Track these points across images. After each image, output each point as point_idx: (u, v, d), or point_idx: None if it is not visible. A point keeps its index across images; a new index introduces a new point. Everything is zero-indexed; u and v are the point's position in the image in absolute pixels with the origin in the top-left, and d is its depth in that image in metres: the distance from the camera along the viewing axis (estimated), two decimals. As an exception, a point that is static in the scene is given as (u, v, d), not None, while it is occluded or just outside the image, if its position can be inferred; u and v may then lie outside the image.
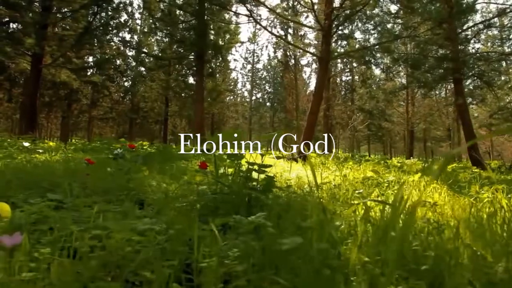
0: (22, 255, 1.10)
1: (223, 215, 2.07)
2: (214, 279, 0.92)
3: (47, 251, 1.07)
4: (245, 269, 0.99)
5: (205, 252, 1.09)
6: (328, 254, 0.99)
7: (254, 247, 1.18)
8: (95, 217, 1.53)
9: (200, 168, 2.35)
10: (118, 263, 1.13)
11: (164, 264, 1.04)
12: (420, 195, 2.28)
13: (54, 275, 0.98)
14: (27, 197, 2.23)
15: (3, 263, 0.89)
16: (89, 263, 1.09)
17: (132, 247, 1.27)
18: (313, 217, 1.45)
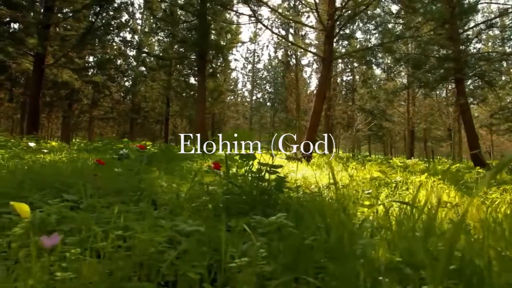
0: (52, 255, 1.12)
1: (237, 215, 2.09)
2: (249, 280, 0.94)
3: (77, 251, 1.08)
4: (274, 269, 1.01)
5: (232, 252, 1.10)
6: (356, 254, 1.01)
7: (279, 247, 1.19)
8: (116, 217, 1.55)
9: (213, 168, 2.36)
10: (147, 263, 1.15)
11: (195, 264, 1.05)
12: (438, 196, 2.29)
13: (86, 275, 1.00)
14: (42, 198, 2.25)
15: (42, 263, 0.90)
16: (117, 263, 1.11)
17: (155, 247, 1.29)
18: (333, 218, 1.47)
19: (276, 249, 1.16)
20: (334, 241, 1.25)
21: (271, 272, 1.01)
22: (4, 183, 2.48)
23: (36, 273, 0.93)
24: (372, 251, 1.08)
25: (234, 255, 1.09)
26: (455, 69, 10.42)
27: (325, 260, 1.06)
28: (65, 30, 13.56)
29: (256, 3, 8.03)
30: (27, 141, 7.64)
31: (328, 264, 1.04)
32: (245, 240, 1.34)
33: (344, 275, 0.92)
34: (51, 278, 0.96)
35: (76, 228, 1.49)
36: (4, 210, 1.96)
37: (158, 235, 1.35)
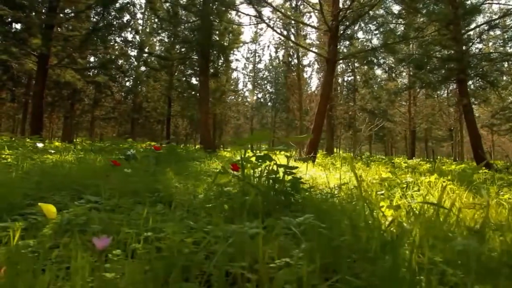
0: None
1: (256, 216, 2.11)
2: (290, 280, 0.96)
3: (118, 252, 1.11)
4: (313, 269, 1.03)
5: (268, 253, 1.13)
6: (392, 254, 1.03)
7: (313, 247, 1.22)
8: (144, 219, 1.57)
9: (232, 170, 2.38)
10: (185, 264, 1.17)
11: (234, 265, 1.08)
12: (461, 196, 2.32)
13: (129, 276, 1.02)
14: (62, 199, 2.27)
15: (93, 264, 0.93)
16: (154, 264, 1.13)
17: (188, 248, 1.31)
18: (360, 218, 1.49)
19: (310, 249, 1.18)
20: (365, 242, 1.28)
21: (311, 272, 1.03)
22: (23, 184, 2.51)
23: (84, 273, 0.96)
24: (407, 251, 1.11)
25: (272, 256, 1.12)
26: (458, 69, 10.45)
27: (361, 260, 1.09)
28: (68, 31, 13.58)
29: (260, 4, 8.05)
30: (32, 142, 7.66)
31: (365, 264, 1.07)
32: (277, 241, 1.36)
33: (385, 275, 0.94)
34: (98, 279, 0.99)
35: (106, 229, 1.52)
36: (27, 211, 1.99)
37: (190, 236, 1.37)
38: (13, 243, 1.42)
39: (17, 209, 2.03)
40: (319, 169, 5.59)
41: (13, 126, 33.52)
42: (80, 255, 1.03)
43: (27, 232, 1.61)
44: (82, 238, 1.39)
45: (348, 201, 2.38)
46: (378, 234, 1.30)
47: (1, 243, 1.43)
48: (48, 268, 1.12)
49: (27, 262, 1.23)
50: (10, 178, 2.75)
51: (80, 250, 1.04)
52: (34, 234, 1.58)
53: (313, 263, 1.09)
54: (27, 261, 1.22)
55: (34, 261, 1.26)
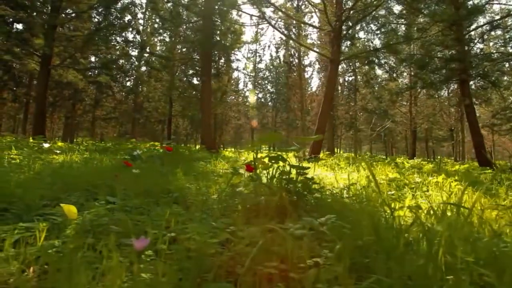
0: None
1: (271, 216, 2.13)
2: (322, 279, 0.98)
3: (150, 252, 1.13)
4: (343, 269, 1.05)
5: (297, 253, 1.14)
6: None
7: (336, 247, 1.24)
8: (166, 219, 1.59)
9: (247, 170, 2.40)
10: (209, 263, 1.19)
11: (267, 265, 1.09)
12: (478, 197, 2.34)
13: (161, 276, 1.04)
14: (77, 199, 2.29)
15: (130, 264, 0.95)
16: (186, 264, 1.15)
17: (214, 248, 1.33)
18: (380, 219, 1.51)
19: (338, 249, 1.20)
20: (388, 242, 1.30)
21: (341, 271, 1.05)
22: (36, 184, 2.52)
23: (121, 273, 0.97)
24: (433, 251, 1.12)
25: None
26: (460, 69, 10.48)
27: (388, 259, 1.10)
28: (69, 31, 13.58)
29: (264, 4, 8.07)
30: (36, 142, 7.66)
31: (394, 264, 1.09)
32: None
33: (416, 275, 0.96)
34: (132, 278, 1.00)
35: (129, 230, 1.53)
36: (45, 212, 2.00)
37: (214, 237, 1.39)
38: (39, 243, 1.44)
39: (34, 210, 2.05)
40: (325, 169, 5.60)
41: (14, 126, 33.46)
42: (115, 255, 1.05)
43: (49, 233, 1.62)
44: (107, 238, 1.41)
45: (361, 201, 2.40)
46: (400, 234, 1.32)
47: (27, 243, 1.44)
48: (82, 268, 1.14)
49: (57, 262, 1.24)
50: (24, 178, 2.77)
51: (115, 250, 1.06)
52: (57, 235, 1.60)
53: (343, 262, 1.11)
54: (57, 261, 1.24)
55: (62, 261, 1.28)
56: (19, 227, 1.53)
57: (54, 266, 1.26)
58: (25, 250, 1.36)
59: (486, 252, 0.99)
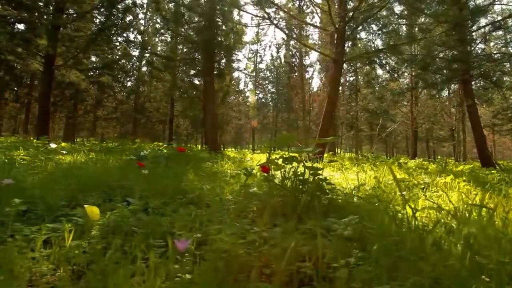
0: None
1: (288, 217, 2.15)
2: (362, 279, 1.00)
3: (187, 254, 1.15)
4: (374, 269, 1.07)
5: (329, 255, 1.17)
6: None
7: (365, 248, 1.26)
8: (190, 221, 1.61)
9: (262, 172, 2.42)
10: (242, 265, 1.21)
11: (301, 265, 1.12)
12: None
13: (200, 276, 1.06)
14: (95, 200, 2.31)
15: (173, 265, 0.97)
16: (215, 264, 1.17)
17: (243, 250, 1.35)
18: (401, 220, 1.53)
19: (364, 251, 1.22)
20: (413, 243, 1.32)
21: (371, 271, 1.07)
22: (52, 185, 2.54)
23: (162, 274, 1.00)
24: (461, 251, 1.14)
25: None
26: (463, 70, 10.51)
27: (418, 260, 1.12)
28: (72, 31, 13.59)
29: (268, 5, 8.10)
30: (41, 142, 7.68)
31: (423, 265, 1.10)
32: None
33: (450, 275, 0.98)
34: (170, 278, 1.02)
35: (156, 231, 1.55)
36: (66, 212, 2.02)
37: (241, 238, 1.41)
38: (68, 244, 1.46)
39: (54, 210, 2.07)
40: (331, 169, 5.62)
41: (15, 126, 33.42)
42: (152, 256, 1.07)
43: (74, 233, 1.64)
44: (133, 239, 1.43)
45: (375, 202, 2.42)
46: (424, 234, 1.34)
47: (54, 244, 1.46)
48: (117, 268, 1.16)
49: (91, 262, 1.26)
50: (38, 179, 2.79)
51: (149, 251, 1.08)
52: (82, 236, 1.62)
53: (372, 262, 1.13)
54: (91, 262, 1.26)
55: (95, 262, 1.30)
56: (46, 227, 1.55)
57: (86, 266, 1.29)
58: (55, 251, 1.39)
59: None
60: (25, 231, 1.54)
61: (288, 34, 12.08)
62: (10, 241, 1.40)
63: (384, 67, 16.45)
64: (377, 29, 11.59)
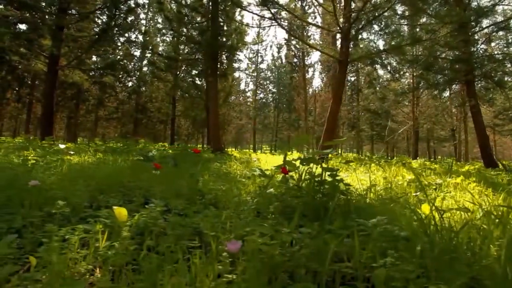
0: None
1: (309, 218, 2.18)
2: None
3: (226, 254, 1.17)
4: (414, 269, 1.10)
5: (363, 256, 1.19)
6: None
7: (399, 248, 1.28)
8: (222, 223, 1.63)
9: (282, 173, 2.44)
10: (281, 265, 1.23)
11: (341, 265, 1.14)
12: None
13: (245, 276, 1.08)
14: (117, 201, 2.33)
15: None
16: (258, 264, 1.19)
17: (277, 250, 1.38)
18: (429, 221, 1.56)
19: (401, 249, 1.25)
20: (443, 244, 1.35)
21: (413, 271, 1.09)
22: (72, 186, 2.56)
23: (210, 274, 1.02)
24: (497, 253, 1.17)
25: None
26: (466, 70, 10.54)
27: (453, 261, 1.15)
28: (75, 32, 13.62)
29: (272, 6, 8.13)
30: (47, 142, 7.69)
31: (459, 266, 1.13)
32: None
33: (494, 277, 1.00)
34: (219, 280, 1.05)
35: (187, 232, 1.58)
36: (91, 214, 2.05)
37: (275, 238, 1.44)
38: (102, 245, 1.49)
39: (78, 212, 2.09)
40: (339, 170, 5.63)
41: (15, 126, 33.42)
42: (198, 256, 1.09)
43: (106, 235, 1.66)
44: (164, 240, 1.46)
45: (390, 203, 2.45)
46: (453, 235, 1.37)
47: (89, 244, 1.49)
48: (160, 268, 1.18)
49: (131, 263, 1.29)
50: (57, 180, 2.81)
51: (200, 253, 1.10)
52: (113, 236, 1.64)
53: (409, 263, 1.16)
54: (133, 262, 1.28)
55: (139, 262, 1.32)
56: (79, 228, 1.57)
57: (124, 267, 1.31)
58: (91, 251, 1.41)
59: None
60: (59, 232, 1.56)
61: (293, 34, 12.10)
62: (46, 241, 1.42)
63: (386, 68, 16.49)
64: (379, 29, 11.64)
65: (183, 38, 15.68)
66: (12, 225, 1.73)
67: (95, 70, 16.35)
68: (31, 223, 1.76)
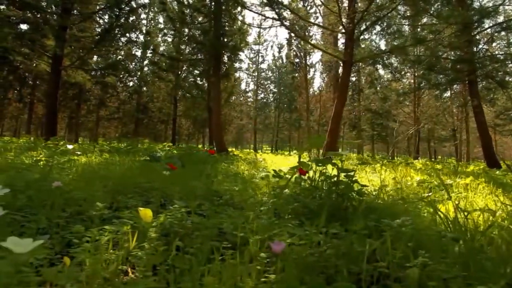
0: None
1: (327, 219, 2.20)
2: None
3: (263, 255, 1.19)
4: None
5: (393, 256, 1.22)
6: None
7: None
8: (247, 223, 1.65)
9: (300, 174, 2.47)
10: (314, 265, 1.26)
11: (377, 265, 1.16)
12: None
13: (283, 276, 1.10)
14: (137, 202, 2.35)
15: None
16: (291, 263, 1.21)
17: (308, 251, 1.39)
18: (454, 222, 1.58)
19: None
20: (470, 243, 1.37)
21: (447, 271, 1.12)
22: (89, 187, 2.58)
23: (252, 274, 1.04)
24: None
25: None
26: (469, 70, 10.57)
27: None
28: (78, 32, 13.63)
29: (278, 7, 8.16)
30: (52, 142, 7.70)
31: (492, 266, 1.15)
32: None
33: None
34: (261, 280, 1.07)
35: (213, 233, 1.60)
36: (114, 215, 2.06)
37: (303, 239, 1.46)
38: (132, 245, 1.51)
39: (100, 213, 2.11)
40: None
41: (16, 126, 33.38)
42: (237, 256, 1.11)
43: (136, 235, 1.67)
44: (192, 241, 1.48)
45: (407, 203, 2.47)
46: (478, 235, 1.39)
47: (119, 245, 1.51)
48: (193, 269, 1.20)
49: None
50: (73, 181, 2.82)
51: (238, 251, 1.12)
52: (140, 237, 1.66)
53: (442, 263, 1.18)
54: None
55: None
56: (107, 229, 1.59)
57: (156, 267, 1.33)
58: (121, 252, 1.43)
59: None
60: (86, 232, 1.58)
61: (298, 35, 12.12)
62: (77, 242, 1.44)
63: (388, 68, 16.54)
64: (380, 29, 11.67)
65: (185, 39, 15.71)
66: (39, 226, 1.75)
67: (97, 70, 16.37)
68: (57, 224, 1.78)
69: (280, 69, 31.67)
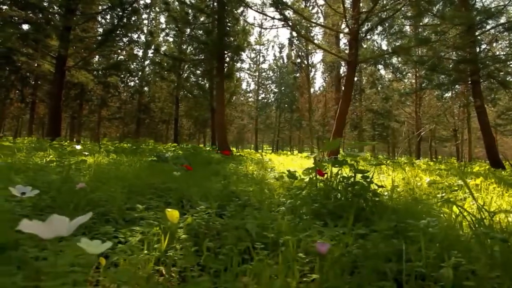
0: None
1: (345, 218, 2.22)
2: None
3: (302, 256, 1.22)
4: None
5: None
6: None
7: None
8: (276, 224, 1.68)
9: (318, 175, 2.49)
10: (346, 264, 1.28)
11: (414, 264, 1.19)
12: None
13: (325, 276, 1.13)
14: (158, 204, 2.37)
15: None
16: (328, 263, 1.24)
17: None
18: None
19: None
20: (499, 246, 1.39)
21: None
22: (107, 188, 2.60)
23: (296, 274, 1.07)
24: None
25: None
26: (472, 71, 10.60)
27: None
28: (81, 32, 13.64)
29: (283, 7, 8.18)
30: (57, 143, 7.71)
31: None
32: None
33: None
34: (301, 281, 1.09)
35: (242, 234, 1.62)
36: (138, 216, 2.08)
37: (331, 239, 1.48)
38: (163, 246, 1.53)
39: (122, 214, 2.13)
40: (352, 171, 5.67)
41: (17, 126, 33.35)
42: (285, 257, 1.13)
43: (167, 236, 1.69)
44: (224, 242, 1.50)
45: (425, 204, 2.50)
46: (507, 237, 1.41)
47: (151, 246, 1.53)
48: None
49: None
50: (90, 182, 2.84)
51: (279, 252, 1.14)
52: (168, 238, 1.68)
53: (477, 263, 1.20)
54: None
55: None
56: (137, 230, 1.61)
57: (191, 268, 1.35)
58: (154, 252, 1.45)
59: None
60: (116, 233, 1.60)
61: (303, 36, 12.14)
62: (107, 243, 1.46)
63: (390, 68, 16.57)
64: (382, 29, 11.69)
65: (187, 39, 15.72)
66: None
67: (100, 70, 16.40)
68: (84, 225, 1.80)
69: (281, 69, 31.71)
